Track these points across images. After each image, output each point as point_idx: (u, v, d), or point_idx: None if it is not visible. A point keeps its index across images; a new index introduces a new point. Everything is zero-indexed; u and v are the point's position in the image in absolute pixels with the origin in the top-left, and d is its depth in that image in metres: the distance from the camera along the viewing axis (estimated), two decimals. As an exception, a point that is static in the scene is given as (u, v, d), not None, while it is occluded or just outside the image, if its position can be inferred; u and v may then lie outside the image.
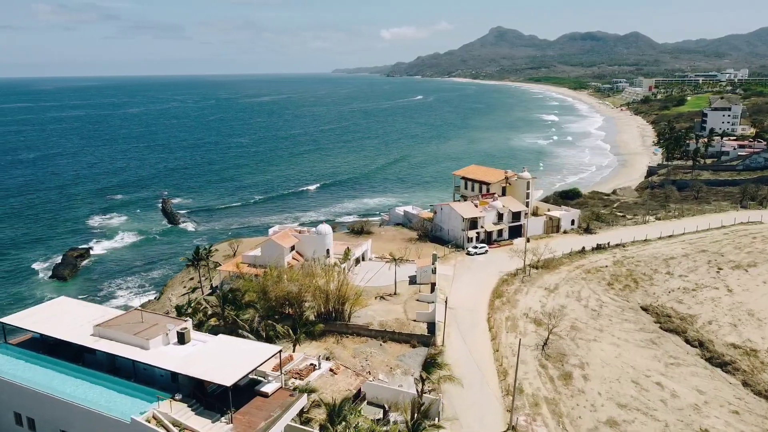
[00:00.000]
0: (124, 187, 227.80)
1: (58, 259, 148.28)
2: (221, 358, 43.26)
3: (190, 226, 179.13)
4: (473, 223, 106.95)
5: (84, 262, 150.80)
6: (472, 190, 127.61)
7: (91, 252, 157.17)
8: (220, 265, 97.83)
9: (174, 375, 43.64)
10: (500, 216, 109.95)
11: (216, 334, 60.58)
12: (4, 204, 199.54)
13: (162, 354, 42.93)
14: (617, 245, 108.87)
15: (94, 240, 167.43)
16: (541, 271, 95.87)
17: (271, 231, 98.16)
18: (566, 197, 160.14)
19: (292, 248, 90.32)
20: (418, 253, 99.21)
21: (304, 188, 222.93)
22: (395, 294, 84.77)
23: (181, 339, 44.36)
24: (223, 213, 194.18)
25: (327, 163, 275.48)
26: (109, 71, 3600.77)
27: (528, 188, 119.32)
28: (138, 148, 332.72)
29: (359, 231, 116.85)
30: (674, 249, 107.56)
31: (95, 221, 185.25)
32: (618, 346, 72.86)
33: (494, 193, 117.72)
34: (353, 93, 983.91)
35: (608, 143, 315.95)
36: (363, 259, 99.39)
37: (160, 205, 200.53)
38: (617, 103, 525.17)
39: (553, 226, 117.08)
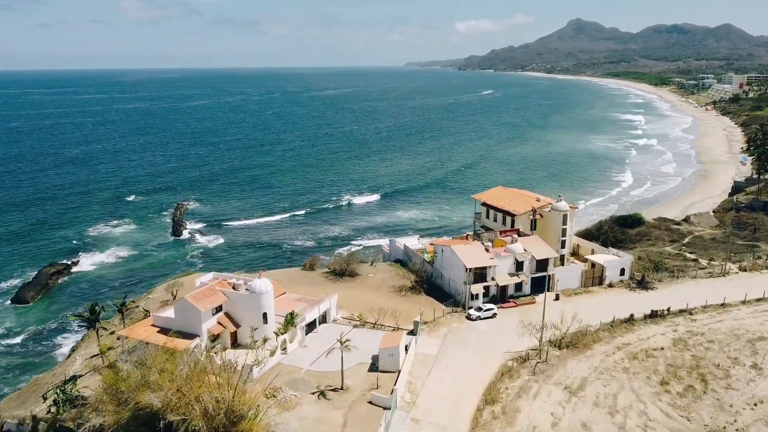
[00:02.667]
0: (147, 190, 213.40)
1: (33, 275, 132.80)
2: None
3: (192, 241, 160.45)
4: (480, 275, 79.80)
5: (60, 280, 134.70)
6: (495, 220, 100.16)
7: (73, 268, 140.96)
8: (149, 315, 75.70)
9: None
10: (519, 264, 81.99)
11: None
12: (22, 208, 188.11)
13: None
14: (681, 311, 78.90)
15: (85, 253, 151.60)
16: (566, 352, 68.06)
17: (198, 282, 74.45)
18: (625, 224, 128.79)
19: (218, 309, 66.88)
20: (396, 317, 73.17)
21: (338, 199, 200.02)
22: (342, 389, 59.91)
23: None
24: (236, 226, 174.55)
25: (374, 169, 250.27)
26: (190, 64, 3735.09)
27: (564, 223, 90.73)
28: (182, 145, 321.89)
29: (341, 272, 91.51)
30: (766, 322, 76.63)
31: (97, 229, 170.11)
32: None
33: (517, 230, 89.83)
34: (419, 87, 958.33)
35: (693, 149, 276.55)
36: (325, 320, 74.81)
37: (172, 212, 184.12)
38: (702, 101, 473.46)
39: (595, 277, 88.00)
